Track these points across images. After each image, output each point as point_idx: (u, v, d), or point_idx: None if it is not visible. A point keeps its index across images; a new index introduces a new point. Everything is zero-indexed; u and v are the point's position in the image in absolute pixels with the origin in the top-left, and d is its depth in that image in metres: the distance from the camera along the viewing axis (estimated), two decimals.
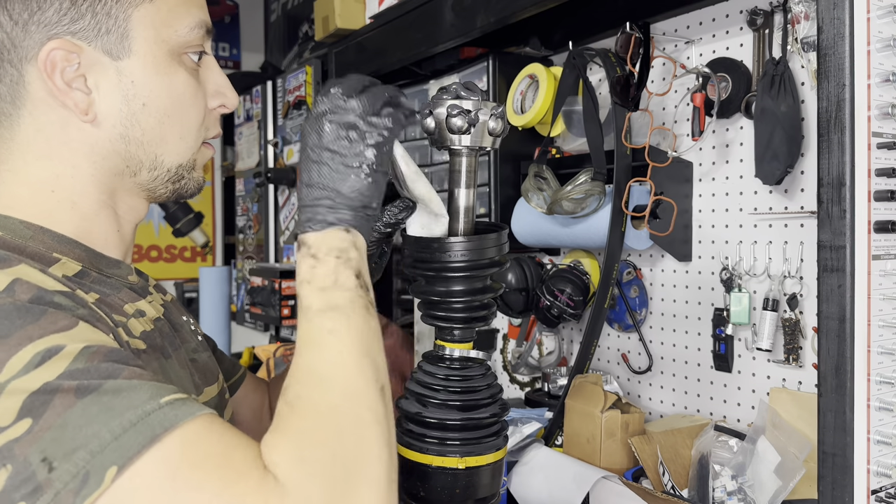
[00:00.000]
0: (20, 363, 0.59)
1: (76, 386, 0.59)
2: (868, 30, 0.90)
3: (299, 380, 0.67)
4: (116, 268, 0.82)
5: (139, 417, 0.58)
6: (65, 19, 0.74)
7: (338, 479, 0.61)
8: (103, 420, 0.58)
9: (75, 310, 0.67)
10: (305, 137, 0.76)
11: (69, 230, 0.78)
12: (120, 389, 0.60)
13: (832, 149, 0.90)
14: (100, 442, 0.57)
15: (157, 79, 0.78)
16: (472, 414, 0.89)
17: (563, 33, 1.67)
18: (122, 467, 0.56)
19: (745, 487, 1.20)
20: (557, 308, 1.57)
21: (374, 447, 0.65)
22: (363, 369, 0.68)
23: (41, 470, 0.56)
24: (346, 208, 0.75)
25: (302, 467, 0.61)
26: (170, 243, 3.82)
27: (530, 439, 1.49)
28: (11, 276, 0.67)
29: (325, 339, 0.69)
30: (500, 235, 0.90)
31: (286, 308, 2.64)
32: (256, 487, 0.59)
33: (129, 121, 0.78)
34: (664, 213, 1.44)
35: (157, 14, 0.78)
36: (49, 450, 0.57)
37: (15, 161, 0.78)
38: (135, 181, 0.82)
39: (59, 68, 0.74)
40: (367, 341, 0.70)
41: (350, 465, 0.62)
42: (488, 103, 0.87)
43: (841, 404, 0.90)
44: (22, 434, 0.57)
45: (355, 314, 0.71)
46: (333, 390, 0.66)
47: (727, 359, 1.41)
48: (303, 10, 3.48)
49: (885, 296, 0.92)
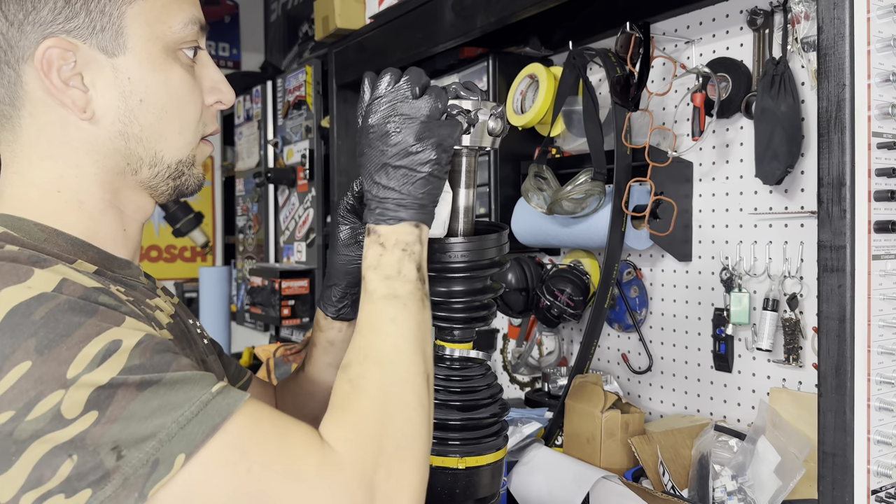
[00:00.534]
0: (86, 359, 0.63)
1: (139, 381, 0.63)
2: (868, 30, 0.90)
3: (361, 361, 0.75)
4: (127, 268, 0.83)
5: (199, 408, 0.64)
6: (59, 18, 0.74)
7: (387, 454, 0.69)
8: (166, 412, 0.63)
9: (119, 307, 0.70)
10: (377, 133, 0.80)
11: (78, 231, 0.78)
12: (175, 382, 0.64)
13: (832, 149, 0.90)
14: (167, 432, 0.62)
15: (153, 75, 0.78)
16: (471, 414, 0.89)
17: (563, 33, 1.67)
18: (190, 455, 0.62)
19: (745, 487, 1.19)
20: (557, 308, 1.57)
21: (419, 428, 0.72)
22: (416, 358, 0.76)
23: (110, 458, 0.60)
24: (417, 207, 0.80)
25: (358, 442, 0.68)
26: (170, 243, 3.82)
27: (530, 439, 1.49)
28: (59, 274, 0.69)
29: (387, 326, 0.76)
30: (500, 236, 0.90)
31: (286, 308, 2.64)
32: (319, 462, 0.66)
33: (127, 117, 0.78)
34: (664, 213, 1.44)
35: (151, 11, 0.78)
36: (119, 438, 0.61)
37: (20, 163, 0.78)
38: (136, 179, 0.82)
39: (56, 66, 0.74)
40: (422, 331, 0.78)
41: (399, 442, 0.70)
42: (488, 103, 0.86)
43: (841, 404, 0.90)
44: (90, 426, 0.61)
45: (413, 305, 0.78)
46: (389, 374, 0.74)
47: (727, 359, 1.41)
48: (303, 10, 3.48)
49: (886, 296, 0.92)
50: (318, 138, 2.61)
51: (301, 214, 2.73)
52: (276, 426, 0.67)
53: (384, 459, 0.68)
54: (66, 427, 0.60)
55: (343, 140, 2.22)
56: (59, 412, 0.60)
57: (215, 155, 3.89)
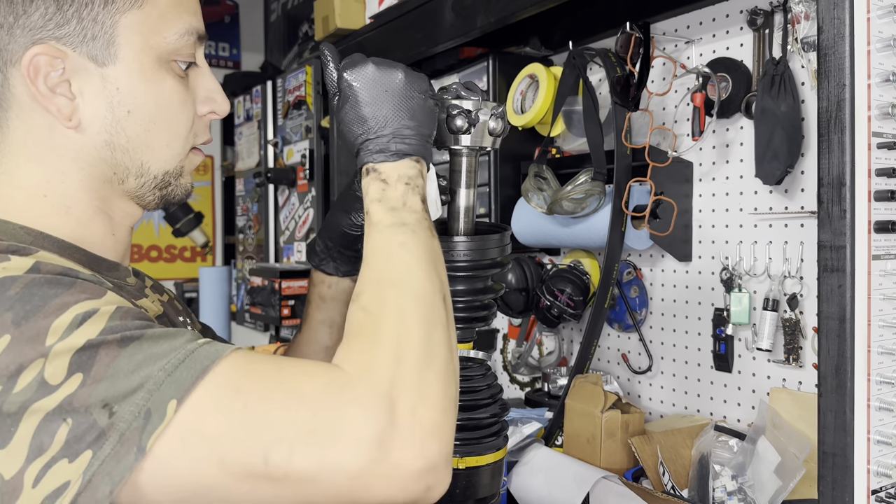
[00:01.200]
0: (62, 327, 0.62)
1: (119, 338, 0.62)
2: (868, 30, 0.90)
3: (372, 287, 0.72)
4: (115, 270, 0.82)
5: (185, 355, 0.62)
6: (50, 24, 0.73)
7: (406, 369, 0.65)
8: (152, 362, 0.61)
9: (101, 283, 0.70)
10: (358, 78, 0.80)
11: (65, 234, 0.78)
12: (158, 336, 0.63)
13: (832, 149, 0.90)
14: (155, 381, 0.60)
15: (143, 86, 0.77)
16: (471, 414, 0.89)
17: (563, 33, 1.67)
18: (181, 399, 0.60)
19: (745, 487, 1.20)
20: (557, 308, 1.57)
21: (440, 345, 0.69)
22: (431, 278, 0.73)
23: (102, 416, 0.59)
24: (417, 138, 0.79)
25: (372, 359, 0.65)
26: (170, 243, 3.82)
27: (530, 439, 1.49)
28: (33, 258, 0.68)
29: (397, 251, 0.74)
30: (503, 236, 0.90)
31: (286, 308, 2.63)
32: (325, 382, 0.63)
33: (113, 128, 0.77)
34: (664, 213, 1.44)
35: (146, 20, 0.77)
36: (107, 396, 0.60)
37: (8, 164, 0.78)
38: (123, 188, 0.81)
39: (43, 73, 0.74)
40: (434, 255, 0.75)
41: (418, 357, 0.66)
42: (488, 103, 0.86)
43: (841, 404, 0.90)
44: (77, 388, 0.60)
45: (422, 232, 0.76)
46: (405, 294, 0.71)
47: (727, 359, 1.41)
48: (303, 10, 3.48)
49: (886, 296, 0.92)
50: (318, 138, 2.61)
51: (301, 214, 2.73)
52: (269, 362, 0.65)
53: (403, 374, 0.64)
54: (53, 393, 0.60)
55: (343, 140, 2.22)
56: (43, 380, 0.60)
57: (215, 155, 3.89)
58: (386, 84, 0.80)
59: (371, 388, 0.63)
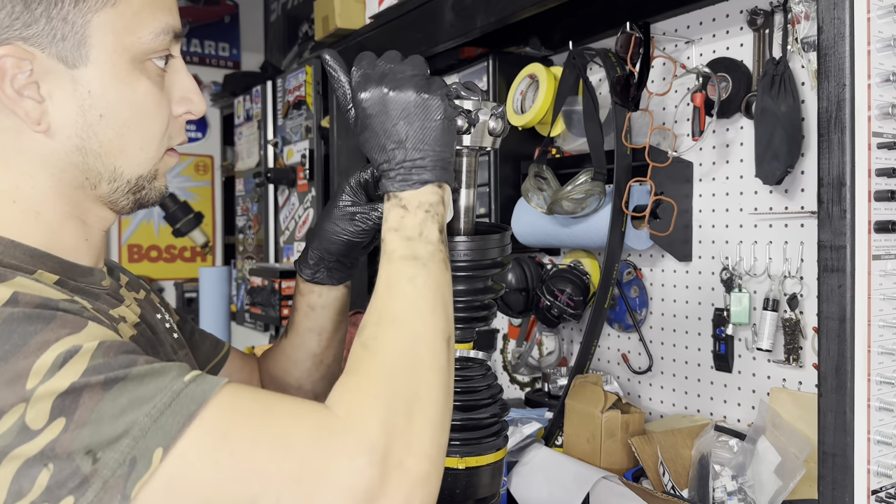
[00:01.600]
0: (43, 368, 0.60)
1: (103, 380, 0.60)
2: (868, 30, 0.90)
3: (375, 322, 0.71)
4: (90, 275, 0.79)
5: (171, 398, 0.60)
6: (17, 24, 0.69)
7: (397, 415, 0.64)
8: (137, 406, 0.59)
9: (82, 312, 0.67)
10: (374, 100, 0.77)
11: (36, 241, 0.75)
12: (143, 376, 0.61)
13: (832, 149, 0.90)
14: (140, 428, 0.59)
15: (116, 88, 0.74)
16: (472, 414, 0.89)
17: (563, 33, 1.67)
18: (168, 447, 0.59)
19: (745, 487, 1.19)
20: (557, 308, 1.57)
21: (434, 390, 0.68)
22: (435, 318, 0.72)
23: (85, 463, 0.58)
24: (438, 165, 0.77)
25: (363, 403, 0.64)
26: (170, 243, 3.82)
27: (530, 439, 1.49)
28: (11, 287, 0.66)
29: (404, 286, 0.73)
30: (503, 236, 0.90)
31: (286, 308, 2.63)
32: (313, 428, 0.62)
33: (85, 132, 0.74)
34: (664, 213, 1.44)
35: (120, 20, 0.73)
36: (91, 442, 0.58)
37: None
38: (95, 193, 0.78)
39: (10, 76, 0.70)
40: (442, 293, 0.74)
41: (411, 403, 0.66)
42: (488, 103, 0.86)
43: (841, 404, 0.90)
44: (59, 433, 0.58)
45: (434, 266, 0.74)
46: (404, 334, 0.70)
47: (727, 359, 1.41)
48: (303, 10, 3.48)
49: (886, 296, 0.92)
50: (318, 138, 2.61)
51: (301, 214, 2.73)
52: (258, 402, 0.64)
53: (393, 422, 0.63)
54: (34, 439, 0.58)
55: (343, 140, 2.22)
56: (24, 425, 0.58)
57: (215, 155, 3.89)
58: (405, 110, 0.77)
59: (360, 437, 0.62)
